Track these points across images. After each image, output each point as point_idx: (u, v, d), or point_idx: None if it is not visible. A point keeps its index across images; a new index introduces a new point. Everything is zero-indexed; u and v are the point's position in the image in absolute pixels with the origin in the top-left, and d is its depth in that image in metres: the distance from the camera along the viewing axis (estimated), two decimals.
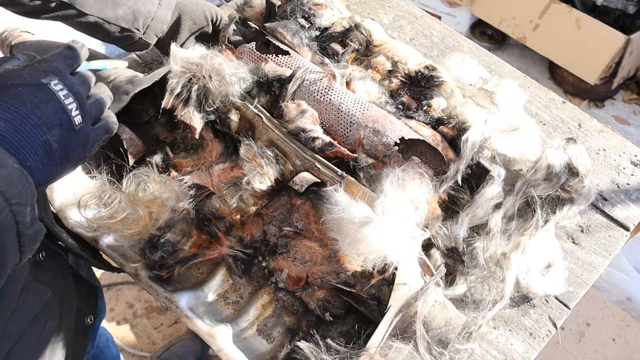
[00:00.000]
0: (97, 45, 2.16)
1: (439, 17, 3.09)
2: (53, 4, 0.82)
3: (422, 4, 3.09)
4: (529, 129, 0.91)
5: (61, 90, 0.55)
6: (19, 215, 0.47)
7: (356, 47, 1.00)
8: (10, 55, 0.63)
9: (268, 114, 0.87)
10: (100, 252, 0.85)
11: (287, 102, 0.88)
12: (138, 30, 0.92)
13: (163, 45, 0.98)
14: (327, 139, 0.85)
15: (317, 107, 0.88)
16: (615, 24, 2.71)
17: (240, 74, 0.87)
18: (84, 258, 0.83)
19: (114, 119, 0.65)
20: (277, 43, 0.96)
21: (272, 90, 0.90)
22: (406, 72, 0.96)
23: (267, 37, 0.98)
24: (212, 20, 1.00)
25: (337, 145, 0.84)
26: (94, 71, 0.70)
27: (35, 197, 0.50)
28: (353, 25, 1.00)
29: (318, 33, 1.01)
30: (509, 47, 3.18)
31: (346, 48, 0.98)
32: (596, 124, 1.13)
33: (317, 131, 0.85)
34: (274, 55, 0.95)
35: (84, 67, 0.66)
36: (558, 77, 2.98)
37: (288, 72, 0.90)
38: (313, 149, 0.84)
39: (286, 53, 0.95)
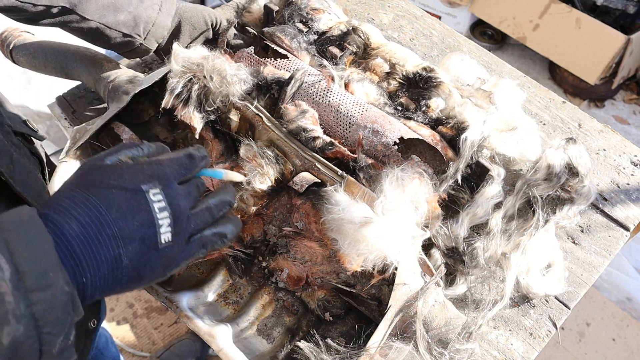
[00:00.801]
0: None
1: (439, 17, 3.09)
2: (55, 10, 0.82)
3: (422, 4, 3.09)
4: (527, 128, 0.91)
5: (159, 201, 0.47)
6: (47, 344, 0.40)
7: (354, 50, 1.00)
8: (139, 142, 0.54)
9: (268, 114, 0.87)
10: None
11: (287, 104, 0.88)
12: (139, 35, 0.92)
13: (163, 52, 0.98)
14: (328, 138, 0.85)
15: (316, 109, 0.88)
16: (615, 24, 2.71)
17: (241, 75, 0.87)
18: None
19: (225, 230, 0.54)
20: (276, 47, 0.96)
21: (271, 93, 0.90)
22: (404, 73, 0.97)
23: (265, 42, 0.98)
24: (212, 25, 1.01)
25: (338, 145, 0.84)
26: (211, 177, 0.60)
27: (73, 323, 0.43)
28: (350, 28, 1.01)
29: (316, 37, 1.01)
30: (509, 47, 3.18)
31: (344, 51, 0.99)
32: (596, 124, 1.13)
33: (318, 131, 0.85)
34: (272, 59, 0.95)
35: (204, 172, 0.57)
36: (558, 77, 2.98)
37: (286, 75, 0.90)
38: (313, 149, 0.85)
39: (284, 57, 0.95)
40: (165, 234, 0.47)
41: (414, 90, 0.95)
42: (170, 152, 0.54)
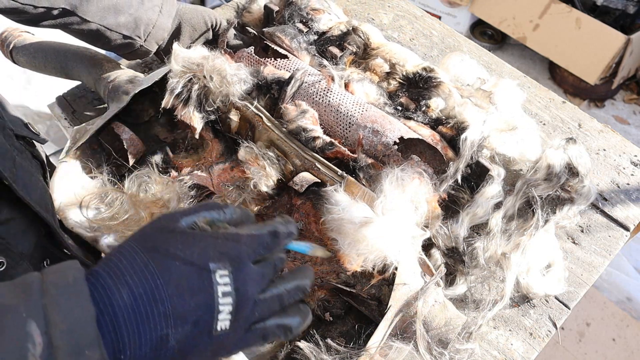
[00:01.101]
0: None
1: (439, 17, 3.09)
2: (56, 12, 0.82)
3: (422, 4, 3.09)
4: (527, 128, 0.91)
5: (225, 285, 0.42)
6: None
7: (354, 50, 1.00)
8: (223, 204, 0.49)
9: (268, 114, 0.88)
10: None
11: (287, 104, 0.88)
12: (139, 37, 0.92)
13: (163, 52, 0.98)
14: (328, 138, 0.85)
15: (317, 109, 0.89)
16: (615, 24, 2.71)
17: (241, 75, 0.87)
18: (88, 266, 0.82)
19: (292, 322, 0.47)
20: (276, 47, 0.96)
21: (271, 93, 0.90)
22: (404, 73, 0.97)
23: (265, 42, 0.98)
24: (212, 26, 1.01)
25: (338, 145, 0.84)
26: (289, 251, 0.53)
27: None
28: (350, 28, 1.01)
29: (316, 37, 1.01)
30: (509, 47, 3.18)
31: (344, 51, 0.99)
32: (596, 124, 1.13)
33: (318, 131, 0.85)
34: (272, 59, 0.95)
35: (295, 247, 0.52)
36: (558, 77, 2.98)
37: (286, 75, 0.90)
38: (313, 149, 0.85)
39: (284, 57, 0.95)
40: (224, 322, 0.42)
41: (414, 90, 0.95)
42: (253, 226, 0.48)
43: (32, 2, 0.80)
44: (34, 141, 0.85)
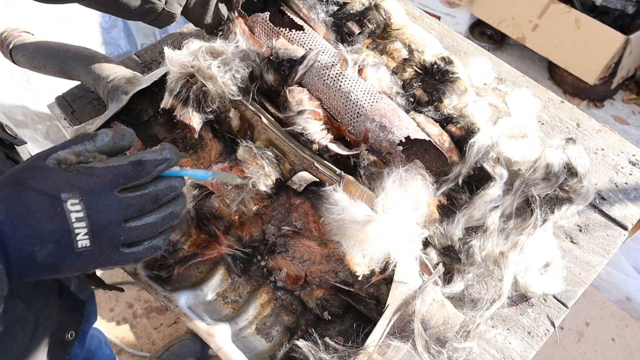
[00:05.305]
0: (98, 45, 2.17)
1: (438, 18, 3.09)
2: None
3: (421, 4, 3.09)
4: (535, 136, 0.89)
5: (77, 212, 0.50)
6: None
7: (373, 28, 0.95)
8: (94, 133, 0.54)
9: (267, 114, 0.88)
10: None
11: (293, 86, 0.85)
12: (159, 0, 0.88)
13: (192, 14, 0.93)
14: (324, 142, 0.84)
15: (326, 92, 0.86)
16: (614, 24, 2.71)
17: (233, 68, 0.85)
18: (76, 275, 0.81)
19: (159, 243, 0.57)
20: (292, 15, 0.93)
21: (281, 70, 0.88)
22: (422, 62, 0.94)
23: (282, 7, 0.94)
24: None
25: (335, 148, 0.84)
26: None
27: (3, 297, 0.49)
28: (373, 4, 0.97)
29: (336, 8, 0.97)
30: (508, 47, 3.18)
31: (362, 29, 0.94)
32: (594, 123, 1.13)
33: (315, 134, 0.84)
34: (287, 29, 0.91)
35: (174, 172, 0.57)
36: (557, 77, 2.98)
37: (299, 52, 0.87)
38: (311, 149, 0.85)
39: (300, 28, 0.92)
40: (82, 241, 0.50)
41: (429, 81, 0.92)
42: (117, 158, 0.54)
43: None
44: (13, 143, 0.85)
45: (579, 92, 2.93)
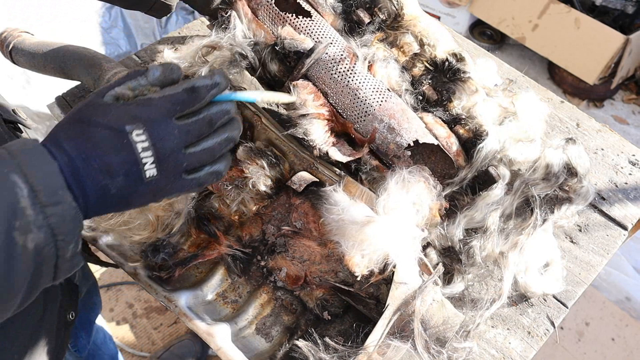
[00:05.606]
0: (98, 45, 2.17)
1: (438, 18, 3.09)
2: None
3: (421, 4, 3.05)
4: (540, 140, 0.89)
5: (142, 142, 0.51)
6: (62, 250, 0.48)
7: (384, 17, 0.92)
8: (144, 69, 0.56)
9: (267, 114, 0.88)
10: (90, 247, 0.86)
11: (298, 80, 0.83)
12: None
13: (197, 3, 0.91)
14: (325, 148, 0.83)
15: (333, 86, 0.83)
16: (614, 24, 2.71)
17: (230, 69, 0.84)
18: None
19: (219, 167, 0.58)
20: (299, 0, 0.89)
21: (287, 61, 0.85)
22: (433, 57, 0.91)
23: None
24: None
25: (336, 154, 0.82)
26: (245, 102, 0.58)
27: (81, 234, 0.51)
28: None
29: None
30: (508, 47, 3.18)
31: (373, 18, 0.91)
32: (594, 123, 1.14)
33: (317, 140, 0.83)
34: (293, 15, 0.86)
35: (225, 97, 0.57)
36: (557, 77, 2.98)
37: (306, 43, 0.83)
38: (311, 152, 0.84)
39: (307, 14, 0.87)
40: (150, 170, 0.52)
41: (440, 79, 0.89)
42: (173, 86, 0.55)
43: None
44: (21, 127, 0.86)
45: (578, 92, 2.93)
